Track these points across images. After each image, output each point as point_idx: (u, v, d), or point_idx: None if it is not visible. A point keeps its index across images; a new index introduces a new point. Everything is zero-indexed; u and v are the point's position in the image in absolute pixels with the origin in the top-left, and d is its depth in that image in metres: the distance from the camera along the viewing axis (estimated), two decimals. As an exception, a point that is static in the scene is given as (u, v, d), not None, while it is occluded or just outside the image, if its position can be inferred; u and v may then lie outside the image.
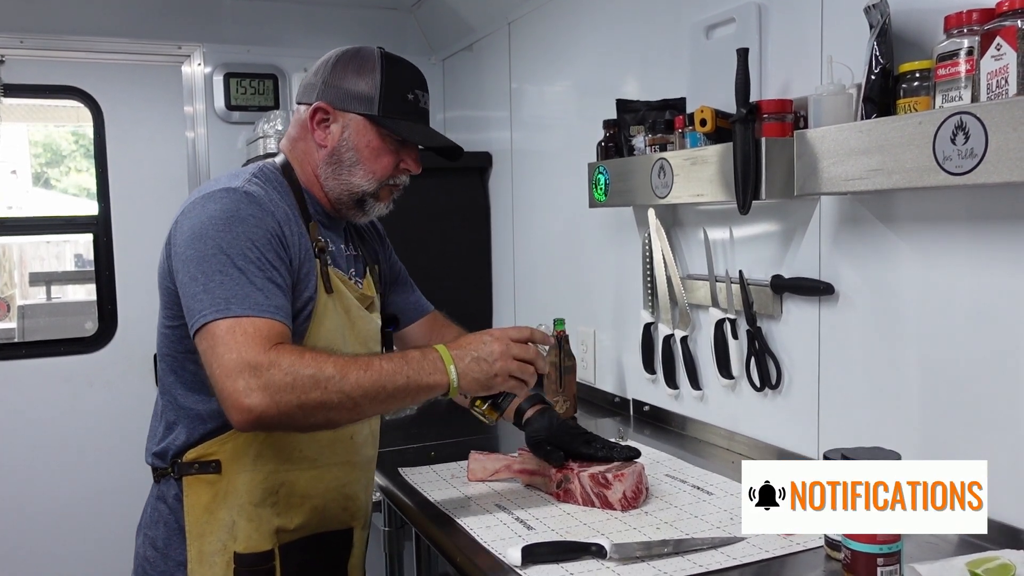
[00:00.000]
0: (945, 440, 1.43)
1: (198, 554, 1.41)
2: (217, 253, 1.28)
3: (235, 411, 1.21)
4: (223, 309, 1.25)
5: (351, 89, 1.44)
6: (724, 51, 1.74)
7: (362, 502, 1.57)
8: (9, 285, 6.67)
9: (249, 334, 1.23)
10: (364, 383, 1.25)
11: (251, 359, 1.21)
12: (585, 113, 2.43)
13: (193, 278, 1.29)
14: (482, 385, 1.35)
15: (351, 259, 1.57)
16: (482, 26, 3.11)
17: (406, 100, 1.46)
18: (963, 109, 1.19)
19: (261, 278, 1.29)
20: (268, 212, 1.35)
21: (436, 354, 1.32)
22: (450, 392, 1.33)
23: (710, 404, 2.01)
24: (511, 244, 3.04)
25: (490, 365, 1.35)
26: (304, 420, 1.25)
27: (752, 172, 1.58)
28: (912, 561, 1.20)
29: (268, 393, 1.20)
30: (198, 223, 1.32)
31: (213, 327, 1.25)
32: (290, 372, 1.21)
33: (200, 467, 1.40)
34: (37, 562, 3.28)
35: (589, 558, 1.31)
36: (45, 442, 3.31)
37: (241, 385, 1.20)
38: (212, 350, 1.24)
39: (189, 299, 1.29)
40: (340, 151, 1.45)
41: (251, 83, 3.37)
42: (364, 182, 1.47)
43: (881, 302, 1.54)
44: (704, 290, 1.96)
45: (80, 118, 3.45)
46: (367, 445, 1.56)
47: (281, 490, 1.43)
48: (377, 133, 1.45)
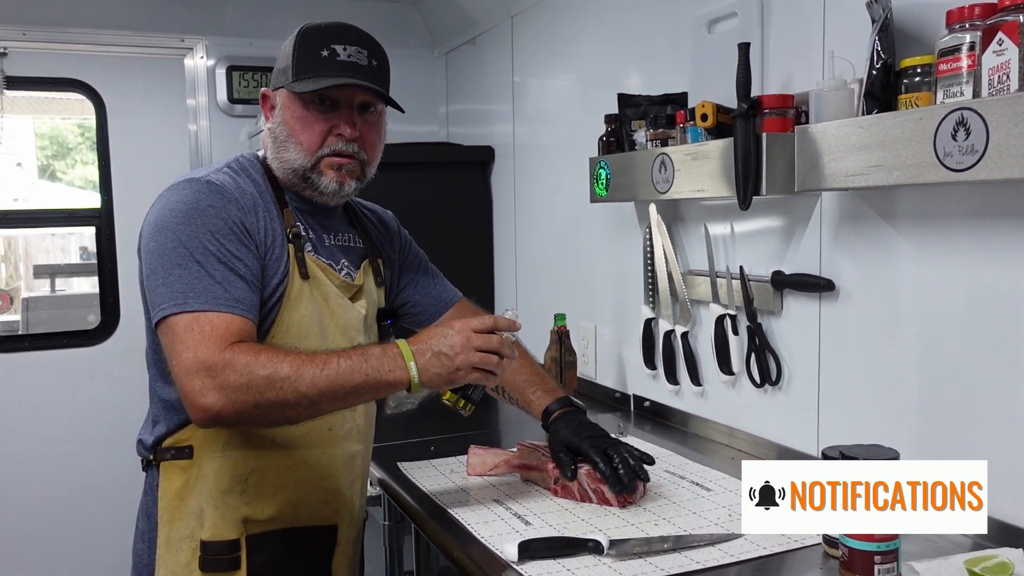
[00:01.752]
0: (944, 437, 1.42)
1: (166, 540, 1.41)
2: (177, 246, 1.30)
3: (193, 410, 1.25)
4: (181, 303, 1.27)
5: (277, 66, 1.47)
6: (726, 45, 1.73)
7: (346, 498, 1.53)
8: (15, 277, 6.69)
9: (206, 332, 1.25)
10: (320, 382, 1.25)
11: (206, 359, 1.23)
12: (587, 107, 2.42)
13: (153, 271, 1.31)
14: (444, 380, 1.33)
15: (342, 249, 1.55)
16: (485, 20, 3.10)
17: (318, 57, 1.40)
18: (964, 105, 1.18)
19: (222, 270, 1.30)
20: (231, 200, 1.36)
21: (397, 350, 1.31)
22: (412, 388, 1.31)
23: (710, 400, 2.01)
24: (513, 239, 3.03)
25: (451, 359, 1.31)
26: (262, 418, 1.28)
27: (753, 167, 1.57)
28: (910, 559, 1.19)
29: (224, 393, 1.22)
30: (159, 216, 1.35)
31: (172, 322, 1.27)
32: (245, 373, 1.22)
33: (175, 453, 1.42)
34: (39, 553, 3.29)
35: (586, 554, 1.31)
36: (48, 434, 3.32)
37: (197, 385, 1.22)
38: (171, 347, 1.27)
39: (150, 292, 1.32)
40: (275, 130, 1.46)
41: (254, 76, 3.37)
42: (298, 155, 1.43)
43: (881, 299, 1.53)
44: (705, 286, 1.96)
45: (85, 111, 3.44)
46: (351, 439, 1.52)
47: (251, 478, 1.42)
48: (299, 101, 1.42)
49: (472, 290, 3.22)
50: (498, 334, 1.37)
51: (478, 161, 3.16)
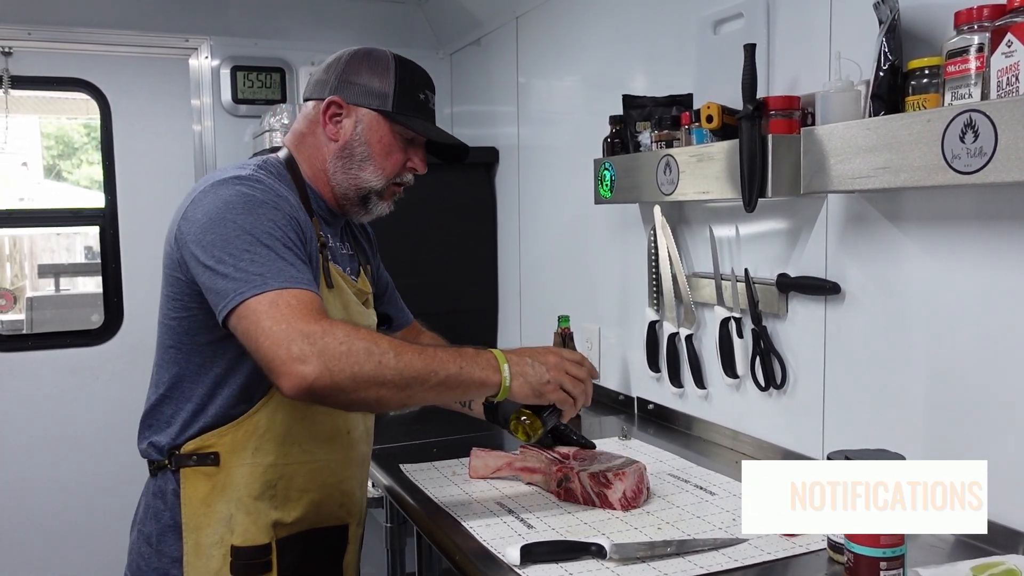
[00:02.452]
0: (950, 442, 1.41)
1: (194, 547, 1.40)
2: (241, 234, 1.27)
3: (287, 378, 1.18)
4: (259, 285, 1.23)
5: (366, 85, 1.46)
6: (731, 46, 1.72)
7: (357, 499, 1.57)
8: (19, 277, 6.70)
9: (293, 305, 1.21)
10: (416, 364, 1.24)
11: (303, 327, 1.19)
12: (592, 108, 2.41)
13: (219, 261, 1.26)
14: (533, 390, 1.34)
15: (347, 257, 1.57)
16: (490, 20, 3.09)
17: (417, 99, 1.48)
18: (972, 107, 1.17)
19: (290, 255, 1.28)
20: (283, 198, 1.35)
21: (490, 354, 1.33)
22: (500, 392, 1.32)
23: (714, 403, 2.00)
24: (517, 240, 3.02)
25: (544, 372, 1.35)
26: (355, 393, 1.22)
27: (758, 169, 1.56)
28: (916, 565, 1.18)
29: (323, 360, 1.17)
30: (213, 209, 1.30)
31: (253, 303, 1.22)
32: (345, 342, 1.19)
33: (198, 459, 1.40)
34: (41, 553, 3.30)
35: (589, 558, 1.30)
36: (51, 433, 3.32)
37: (296, 351, 1.17)
38: (257, 325, 1.21)
39: (217, 282, 1.26)
40: (352, 146, 1.46)
41: (258, 76, 3.36)
42: (373, 178, 1.47)
43: (888, 302, 1.52)
44: (709, 288, 1.94)
45: (91, 111, 3.45)
46: (362, 442, 1.56)
47: (279, 483, 1.42)
48: (389, 129, 1.46)
49: (476, 292, 3.24)
50: (585, 367, 1.42)
51: (482, 162, 3.15)
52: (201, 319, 1.35)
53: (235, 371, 1.37)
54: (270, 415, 1.39)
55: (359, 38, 3.43)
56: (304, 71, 3.33)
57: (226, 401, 1.38)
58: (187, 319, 1.37)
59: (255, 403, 1.39)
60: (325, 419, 1.45)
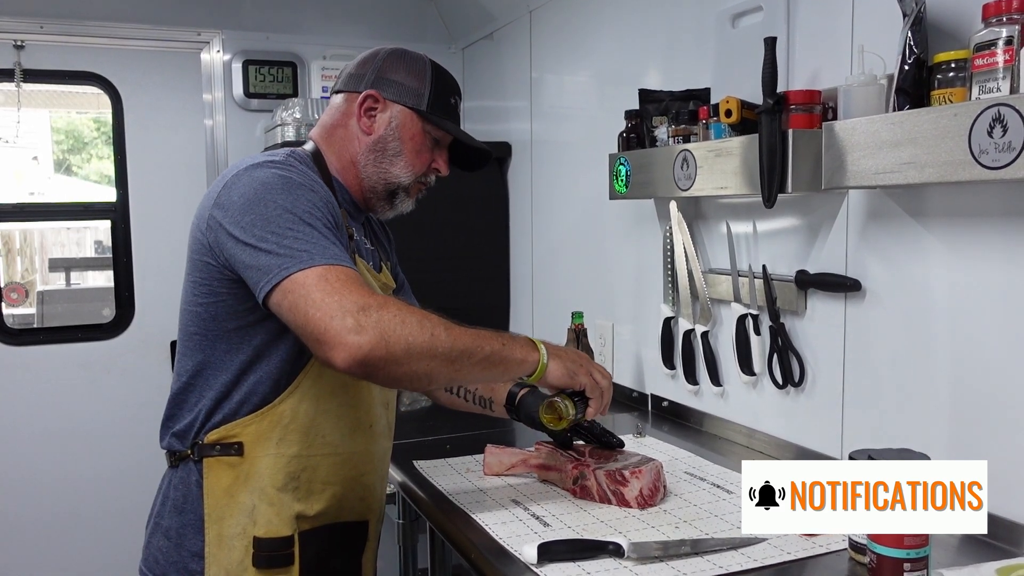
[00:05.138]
0: (973, 441, 1.39)
1: (217, 537, 1.39)
2: (283, 213, 1.26)
3: (341, 349, 1.17)
4: (306, 260, 1.22)
5: (402, 83, 1.48)
6: (751, 40, 1.70)
7: (378, 494, 1.56)
8: (30, 271, 6.72)
9: (343, 280, 1.21)
10: (465, 339, 1.28)
11: (358, 299, 1.19)
12: (606, 103, 2.39)
13: (261, 239, 1.25)
14: (567, 371, 1.41)
15: (370, 252, 1.56)
16: (503, 14, 3.07)
17: (448, 103, 1.52)
18: (1001, 101, 1.15)
19: (331, 235, 1.29)
20: (318, 182, 1.37)
21: (527, 337, 1.41)
22: (537, 372, 1.38)
23: (730, 401, 1.98)
24: (529, 235, 3.01)
25: (576, 362, 1.44)
26: (408, 365, 1.22)
27: (778, 165, 1.54)
28: (939, 566, 1.16)
29: (379, 330, 1.18)
30: (251, 191, 1.30)
31: (300, 277, 1.21)
32: (399, 314, 1.21)
33: (222, 449, 1.39)
34: (52, 547, 3.30)
35: (606, 557, 1.28)
36: (62, 427, 3.32)
37: (351, 322, 1.17)
38: (306, 297, 1.20)
39: (260, 258, 1.25)
40: (386, 140, 1.48)
41: (270, 70, 3.35)
42: (403, 173, 1.49)
43: (910, 300, 1.50)
44: (726, 285, 1.93)
45: (102, 105, 3.44)
46: (384, 436, 1.55)
47: (303, 475, 1.41)
48: (421, 128, 1.49)
49: (488, 287, 3.22)
50: None
51: (495, 157, 3.14)
52: (230, 304, 1.35)
53: (261, 359, 1.37)
54: (295, 406, 1.38)
55: (371, 32, 3.44)
56: (316, 65, 3.32)
57: (251, 389, 1.37)
58: (214, 304, 1.36)
59: (280, 393, 1.38)
60: (349, 412, 1.44)
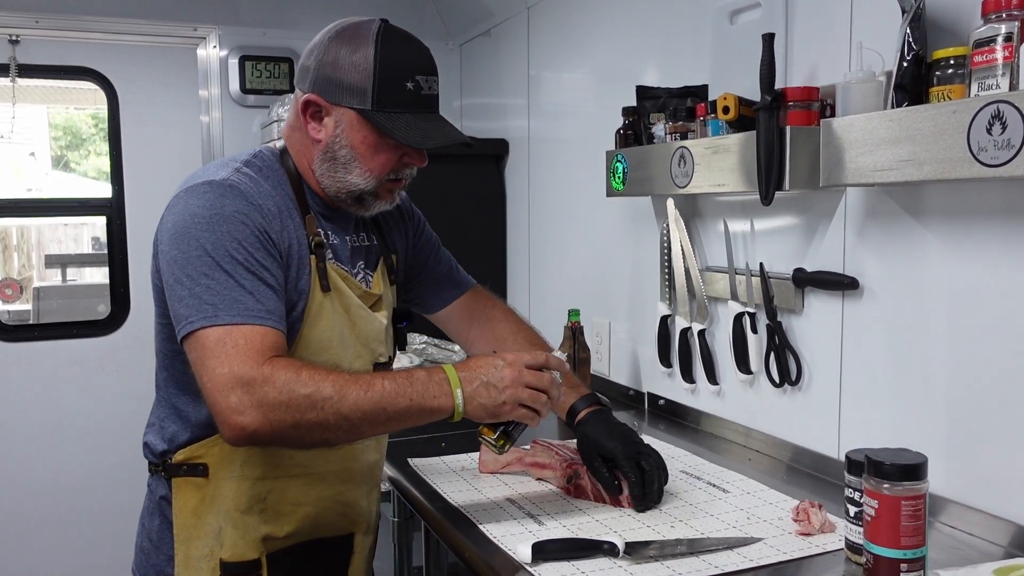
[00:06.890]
0: (971, 441, 1.38)
1: (184, 559, 1.37)
2: (202, 255, 1.22)
3: (227, 428, 1.17)
4: (211, 316, 1.19)
5: (343, 79, 1.31)
6: (748, 36, 1.69)
7: (363, 508, 1.51)
8: (27, 267, 6.71)
9: (240, 346, 1.18)
10: (364, 405, 1.20)
11: (243, 374, 1.16)
12: (604, 100, 2.38)
13: (178, 280, 1.23)
14: (489, 412, 1.28)
15: (360, 250, 1.48)
16: (500, 11, 3.06)
17: (404, 89, 1.31)
18: (1000, 98, 1.14)
19: (251, 280, 1.23)
20: (255, 206, 1.27)
21: (443, 376, 1.26)
22: (454, 417, 1.26)
23: (727, 399, 1.97)
24: (526, 233, 3.00)
25: (499, 392, 1.27)
26: (299, 440, 1.21)
27: (776, 162, 1.53)
28: (937, 567, 1.15)
29: (262, 411, 1.15)
30: (180, 221, 1.25)
31: (202, 336, 1.19)
32: (285, 390, 1.16)
33: (188, 469, 1.36)
34: (46, 544, 3.29)
35: (601, 556, 1.27)
36: (57, 424, 3.31)
37: (234, 401, 1.15)
38: (202, 362, 1.19)
39: (176, 303, 1.23)
40: (334, 148, 1.34)
41: (266, 66, 3.34)
42: (361, 180, 1.35)
43: (908, 298, 1.49)
44: (723, 283, 1.92)
45: (99, 101, 3.43)
46: (368, 451, 1.49)
47: (269, 497, 1.37)
48: (373, 128, 1.32)
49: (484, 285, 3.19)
50: (549, 372, 1.33)
51: (492, 154, 3.12)
52: None
53: None
54: None
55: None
56: (313, 61, 3.30)
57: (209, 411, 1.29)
58: (169, 325, 1.31)
59: None
60: None
